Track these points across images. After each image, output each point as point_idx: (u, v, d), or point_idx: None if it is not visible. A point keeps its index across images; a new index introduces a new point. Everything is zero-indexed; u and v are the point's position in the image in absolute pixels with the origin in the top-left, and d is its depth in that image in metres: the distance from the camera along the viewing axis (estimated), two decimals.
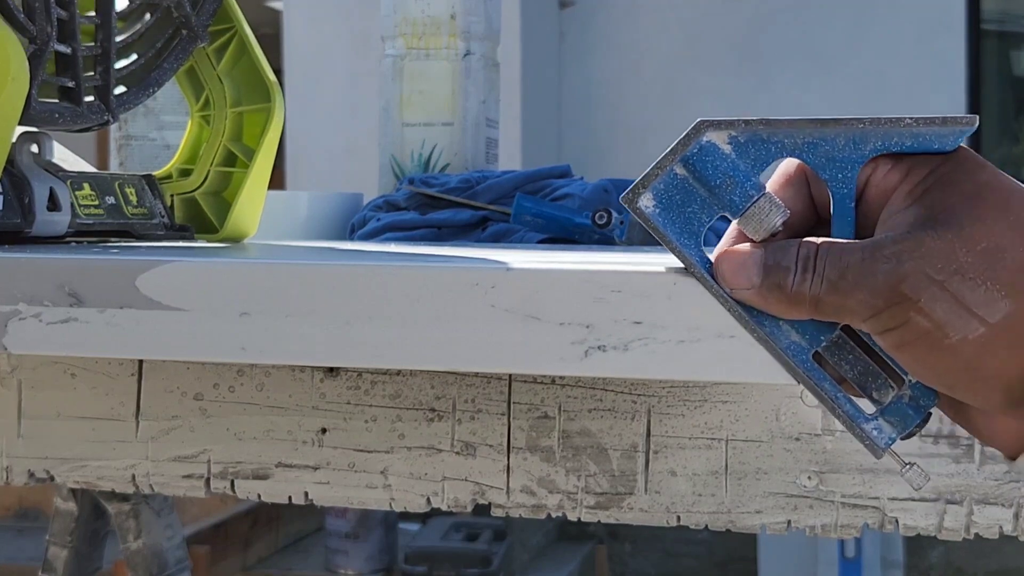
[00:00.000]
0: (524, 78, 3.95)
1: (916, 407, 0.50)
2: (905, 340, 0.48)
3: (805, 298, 0.48)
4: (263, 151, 0.81)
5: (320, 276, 0.52)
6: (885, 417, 0.50)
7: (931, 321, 0.47)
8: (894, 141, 0.49)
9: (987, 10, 4.30)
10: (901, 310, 0.47)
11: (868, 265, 0.48)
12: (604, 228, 1.01)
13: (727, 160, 0.50)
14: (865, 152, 0.49)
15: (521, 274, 0.51)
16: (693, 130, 0.50)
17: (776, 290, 0.49)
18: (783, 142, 0.50)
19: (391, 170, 1.21)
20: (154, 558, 1.55)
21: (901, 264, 0.47)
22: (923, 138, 0.49)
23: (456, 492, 0.77)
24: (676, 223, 0.51)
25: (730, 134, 0.50)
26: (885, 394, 0.50)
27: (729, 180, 0.50)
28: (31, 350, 0.55)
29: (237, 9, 0.82)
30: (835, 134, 0.50)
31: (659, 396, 0.74)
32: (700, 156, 0.50)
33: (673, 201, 0.51)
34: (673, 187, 0.51)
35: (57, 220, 0.70)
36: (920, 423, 0.51)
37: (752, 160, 0.50)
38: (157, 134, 1.26)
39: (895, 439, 0.50)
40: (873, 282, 0.47)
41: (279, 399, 0.78)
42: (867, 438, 0.50)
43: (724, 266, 0.50)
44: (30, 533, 3.09)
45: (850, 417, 0.50)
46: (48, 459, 0.82)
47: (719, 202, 0.50)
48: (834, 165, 0.50)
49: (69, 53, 0.69)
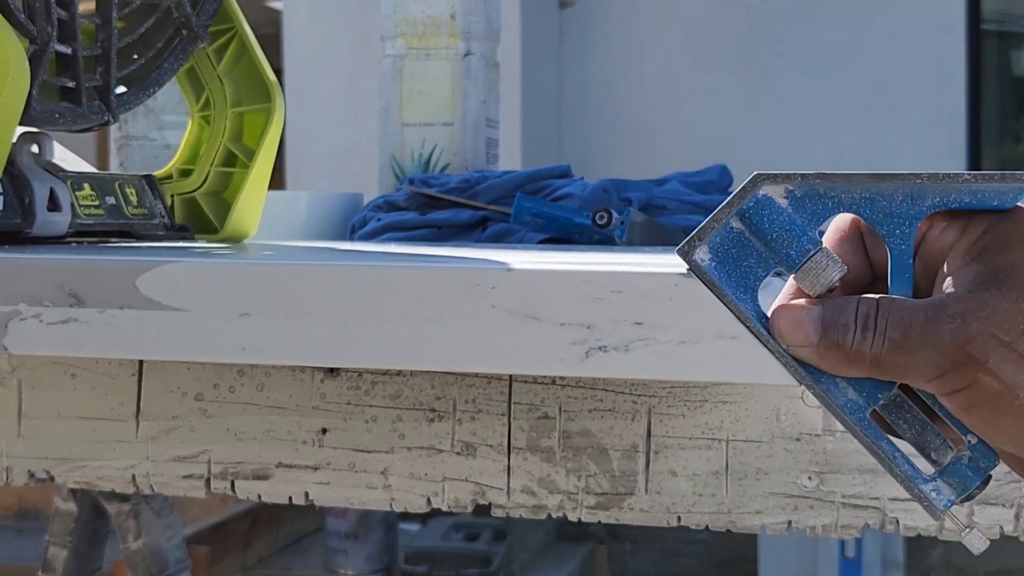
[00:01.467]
0: (524, 78, 3.95)
1: (976, 468, 0.50)
2: (973, 402, 0.47)
3: (865, 357, 0.48)
4: (263, 151, 0.81)
5: (320, 276, 0.52)
6: (944, 479, 0.50)
7: (1000, 383, 0.47)
8: (952, 197, 0.49)
9: (987, 10, 4.30)
10: (968, 371, 0.47)
11: (932, 325, 0.47)
12: (604, 228, 1.01)
13: (784, 214, 0.50)
14: (923, 208, 0.49)
15: (521, 274, 0.51)
16: (750, 183, 0.50)
17: (835, 348, 0.48)
18: (840, 197, 0.50)
19: (391, 170, 1.21)
20: (154, 558, 1.55)
21: (967, 324, 0.47)
22: (981, 195, 0.49)
23: (456, 492, 0.77)
24: (732, 277, 0.50)
25: (787, 188, 0.50)
26: (944, 455, 0.50)
27: (786, 234, 0.49)
28: (31, 350, 0.55)
29: (237, 9, 0.82)
30: (892, 189, 0.49)
31: (659, 396, 0.74)
32: (757, 210, 0.50)
33: (729, 255, 0.50)
34: (729, 240, 0.50)
35: (57, 220, 0.70)
36: (980, 485, 0.50)
37: (809, 215, 0.50)
38: (157, 134, 1.26)
39: (954, 501, 0.50)
40: (938, 342, 0.47)
41: (279, 399, 0.78)
42: (926, 500, 0.50)
43: (781, 322, 0.49)
44: (30, 533, 3.09)
45: (908, 478, 0.50)
46: (48, 459, 0.82)
47: (775, 256, 0.50)
48: (891, 221, 0.49)
49: (70, 53, 0.69)
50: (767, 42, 4.22)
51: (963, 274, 0.48)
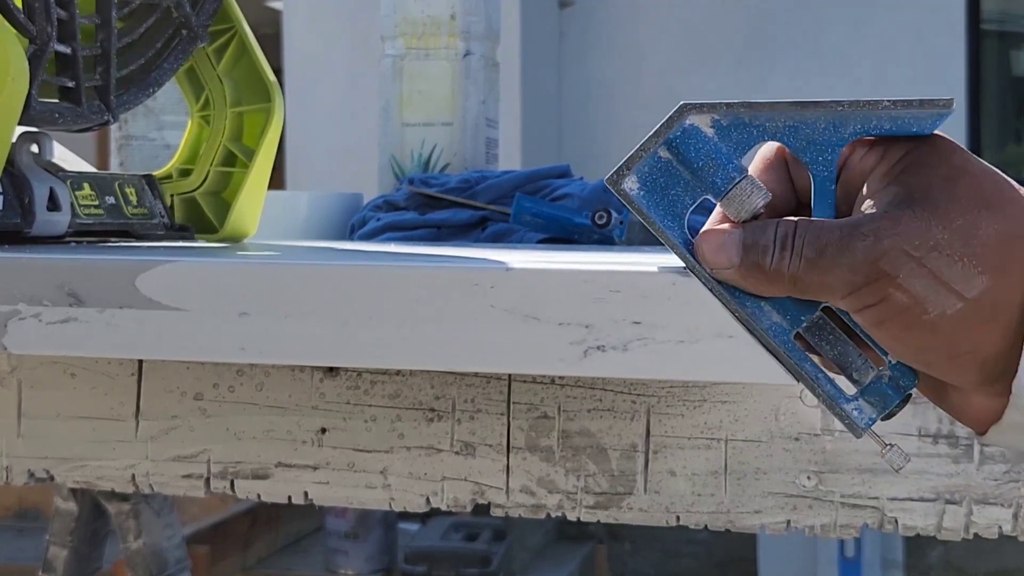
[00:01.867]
0: (524, 78, 3.95)
1: (896, 388, 0.51)
2: (884, 317, 0.48)
3: (784, 276, 0.49)
4: (263, 151, 0.82)
5: (320, 276, 0.52)
6: (865, 398, 0.51)
7: (910, 297, 0.48)
8: (873, 124, 0.50)
9: (987, 10, 4.30)
10: (880, 286, 0.48)
11: (846, 242, 0.48)
12: (604, 228, 1.01)
13: (710, 143, 0.50)
14: (845, 135, 0.50)
15: (521, 274, 0.51)
16: (676, 113, 0.51)
17: (755, 268, 0.49)
18: (764, 125, 0.50)
19: (391, 170, 1.22)
20: (154, 558, 1.56)
21: (879, 241, 0.48)
22: (902, 121, 0.50)
23: (456, 492, 0.77)
24: (660, 205, 0.51)
25: (712, 117, 0.50)
26: (865, 375, 0.51)
27: (711, 162, 0.50)
28: (31, 350, 0.55)
29: (237, 9, 0.82)
30: (815, 117, 0.50)
31: (658, 396, 0.74)
32: (683, 139, 0.50)
33: (657, 183, 0.51)
34: (657, 170, 0.51)
35: (57, 220, 0.70)
36: (900, 403, 0.51)
37: (734, 143, 0.51)
38: (157, 134, 1.26)
39: (875, 419, 0.51)
40: (852, 259, 0.48)
41: (279, 399, 0.78)
42: (847, 418, 0.51)
43: (704, 246, 0.50)
44: (30, 533, 3.09)
45: (831, 397, 0.51)
46: (48, 459, 0.82)
47: (702, 184, 0.51)
48: (815, 148, 0.50)
49: (69, 53, 0.70)
50: (767, 42, 4.22)
51: (881, 195, 0.50)
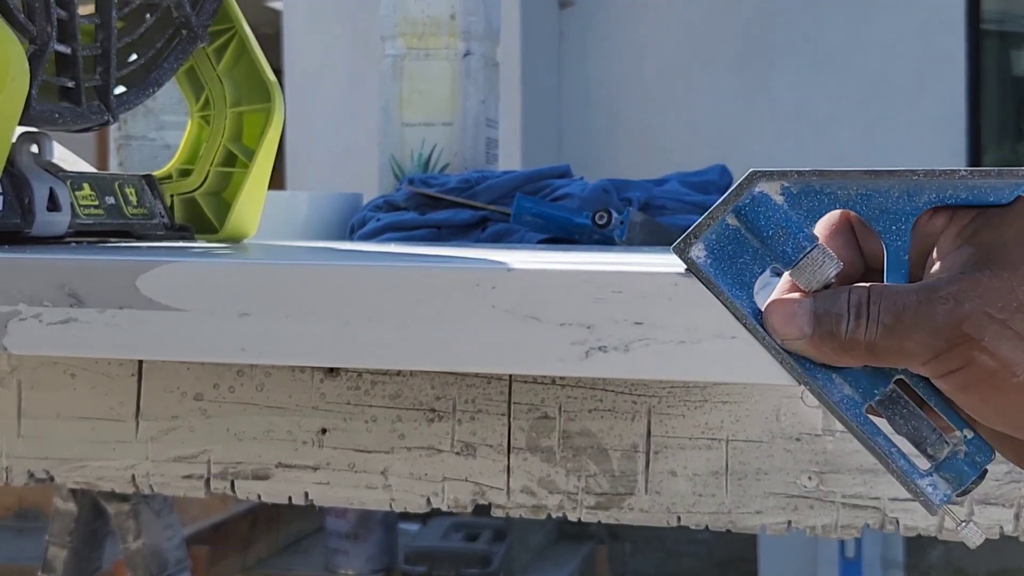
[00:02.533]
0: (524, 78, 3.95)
1: (972, 463, 0.50)
2: (970, 381, 0.47)
3: (860, 344, 0.48)
4: (263, 151, 0.81)
5: (320, 276, 0.52)
6: (940, 473, 0.50)
7: (996, 360, 0.47)
8: (949, 193, 0.49)
9: (987, 10, 4.30)
10: (964, 350, 0.47)
11: (925, 307, 0.47)
12: (604, 228, 1.01)
13: (779, 211, 0.49)
14: (919, 204, 0.49)
15: (521, 274, 0.51)
16: (745, 180, 0.50)
17: (829, 338, 0.48)
18: (836, 193, 0.49)
19: (391, 170, 1.21)
20: (154, 558, 1.56)
21: (960, 304, 0.47)
22: (978, 191, 0.49)
23: (456, 492, 0.77)
24: (728, 274, 0.50)
25: (783, 185, 0.50)
26: (940, 450, 0.50)
27: (782, 231, 0.49)
28: (31, 350, 0.55)
29: (237, 9, 0.82)
30: (889, 186, 0.49)
31: (659, 396, 0.74)
32: (752, 207, 0.49)
33: (725, 252, 0.50)
34: (725, 238, 0.50)
35: (57, 220, 0.70)
36: (976, 479, 0.50)
37: (805, 211, 0.50)
38: (157, 134, 1.26)
39: (950, 496, 0.50)
40: (932, 323, 0.47)
41: (279, 399, 0.78)
42: (922, 495, 0.50)
43: (774, 316, 0.49)
44: (30, 533, 3.09)
45: (905, 474, 0.50)
46: (48, 459, 0.82)
47: (771, 253, 0.50)
48: (888, 217, 0.49)
49: (69, 53, 0.69)
50: (767, 42, 4.22)
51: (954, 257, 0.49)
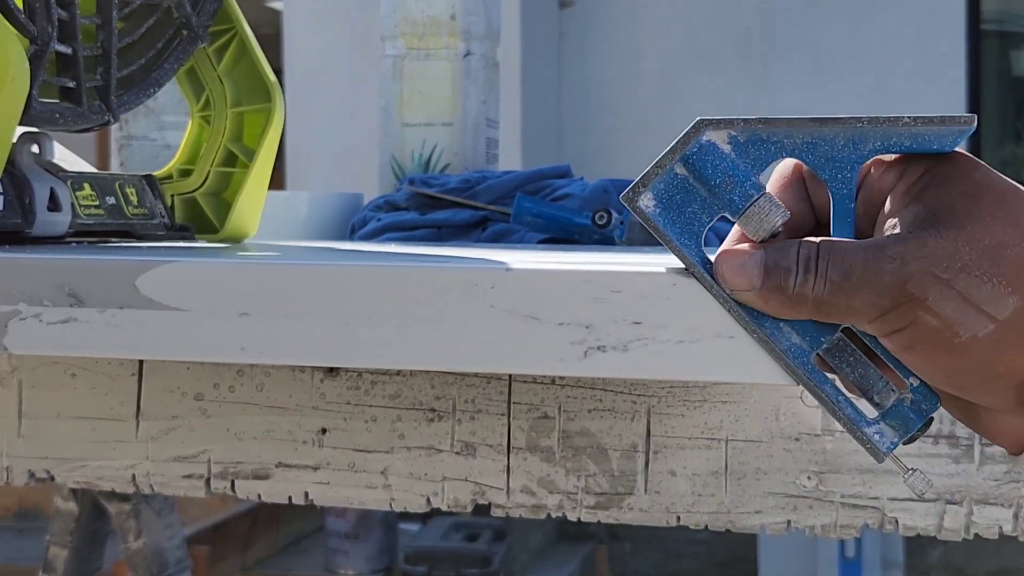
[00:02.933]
0: (524, 78, 3.95)
1: (918, 411, 0.50)
2: (914, 340, 0.48)
3: (808, 299, 0.48)
4: (263, 151, 0.82)
5: (320, 276, 0.52)
6: (887, 421, 0.50)
7: (940, 320, 0.47)
8: (893, 141, 0.49)
9: (987, 10, 4.30)
10: (909, 309, 0.47)
11: (872, 265, 0.47)
12: (604, 228, 1.01)
13: (727, 159, 0.50)
14: (864, 152, 0.49)
15: (521, 274, 0.51)
16: (692, 129, 0.50)
17: (777, 291, 0.48)
18: (783, 142, 0.50)
19: (391, 170, 1.22)
20: (154, 558, 1.56)
21: (906, 264, 0.47)
22: (922, 138, 0.49)
23: (456, 492, 0.77)
24: (677, 223, 0.50)
25: (730, 133, 0.50)
26: (887, 397, 0.50)
27: (729, 179, 0.49)
28: (31, 350, 0.55)
29: (237, 9, 0.82)
30: (834, 134, 0.49)
31: (659, 396, 0.74)
32: (700, 155, 0.50)
33: (673, 201, 0.50)
34: (673, 186, 0.50)
35: (57, 220, 0.70)
36: (922, 427, 0.50)
37: (752, 160, 0.50)
38: (157, 134, 1.26)
39: (897, 443, 0.50)
40: (878, 282, 0.47)
41: (279, 399, 0.78)
42: (869, 442, 0.50)
43: (724, 267, 0.49)
44: (30, 533, 3.09)
45: (852, 421, 0.50)
46: (48, 459, 0.82)
47: (719, 202, 0.50)
48: (833, 165, 0.49)
49: (70, 53, 0.70)
50: (767, 42, 4.22)
51: (903, 215, 0.49)
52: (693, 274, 0.50)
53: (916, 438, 0.50)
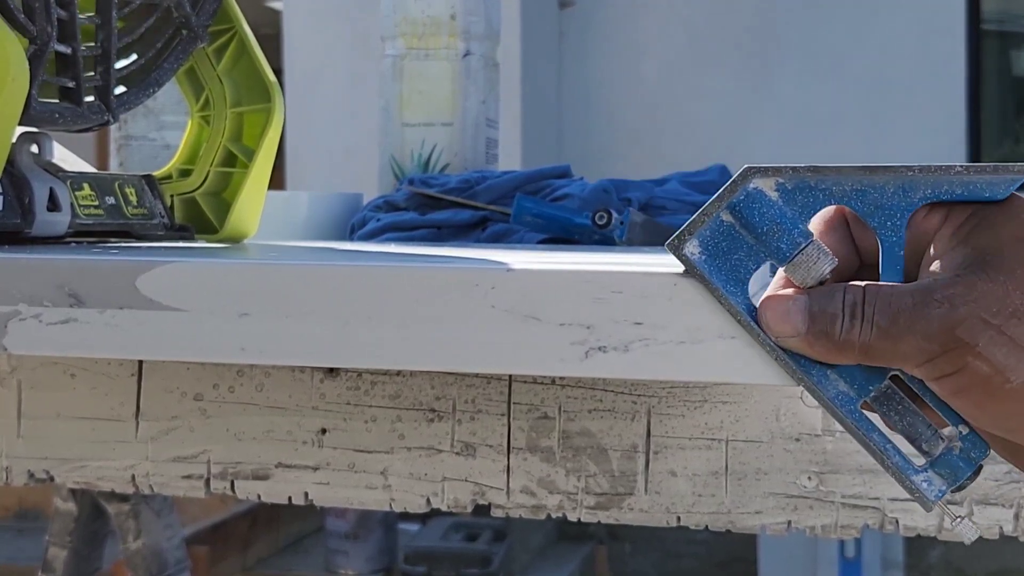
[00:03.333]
0: (524, 78, 3.95)
1: (967, 459, 0.50)
2: (963, 386, 0.47)
3: (854, 345, 0.48)
4: (263, 151, 0.81)
5: (320, 276, 0.52)
6: (935, 469, 0.50)
7: (990, 366, 0.46)
8: (944, 189, 0.49)
9: (987, 10, 4.30)
10: (958, 355, 0.47)
11: (920, 310, 0.47)
12: (604, 228, 1.01)
13: (774, 207, 0.49)
14: (914, 200, 0.49)
15: (521, 274, 0.51)
16: (740, 176, 0.50)
17: (823, 337, 0.48)
18: (831, 189, 0.49)
19: (391, 170, 1.22)
20: (154, 558, 1.56)
21: (955, 308, 0.46)
22: (974, 186, 0.48)
23: (456, 492, 0.77)
24: (723, 270, 0.50)
25: (777, 181, 0.50)
26: (935, 446, 0.49)
27: (776, 227, 0.49)
28: (31, 350, 0.55)
29: (237, 9, 0.82)
30: (884, 182, 0.49)
31: (659, 397, 0.74)
32: (747, 203, 0.50)
33: (719, 248, 0.50)
34: (720, 234, 0.50)
35: (57, 220, 0.70)
36: (971, 476, 0.50)
37: (799, 207, 0.49)
38: (157, 134, 1.26)
39: (945, 491, 0.50)
40: (927, 327, 0.47)
41: (279, 399, 0.78)
42: (917, 491, 0.50)
43: (769, 313, 0.49)
44: (30, 533, 3.09)
45: (900, 470, 0.50)
46: (48, 459, 0.82)
47: (766, 249, 0.49)
48: (883, 213, 0.49)
49: (69, 53, 0.69)
50: (767, 42, 4.22)
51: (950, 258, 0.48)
52: (740, 323, 0.49)
53: (965, 487, 0.50)
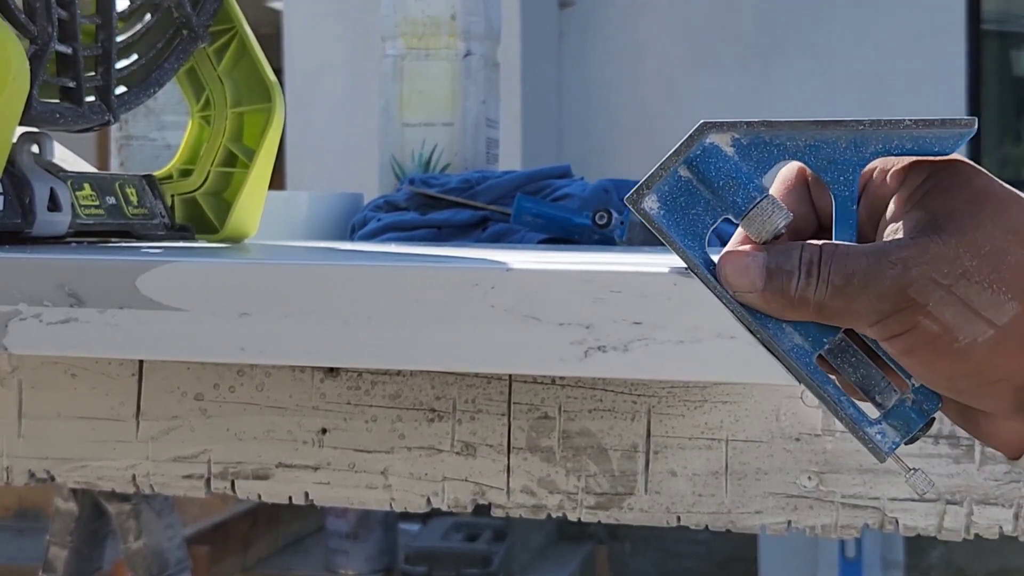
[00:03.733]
0: (524, 78, 3.95)
1: (919, 411, 0.50)
2: (913, 345, 0.48)
3: (809, 302, 0.49)
4: (263, 151, 0.82)
5: (320, 276, 0.52)
6: (889, 421, 0.50)
7: (940, 325, 0.47)
8: (894, 144, 0.49)
9: (987, 10, 4.30)
10: (909, 315, 0.48)
11: (874, 270, 0.48)
12: (604, 228, 1.01)
13: (730, 162, 0.50)
14: (866, 155, 0.50)
15: (521, 274, 0.51)
16: (696, 132, 0.50)
17: (779, 294, 0.49)
18: (785, 144, 0.50)
19: (391, 170, 1.22)
20: (154, 558, 1.56)
21: (908, 270, 0.47)
22: (923, 141, 0.49)
23: (456, 492, 0.77)
24: (680, 225, 0.51)
25: (733, 136, 0.50)
26: (888, 398, 0.50)
27: (732, 182, 0.50)
28: (31, 350, 0.55)
29: (237, 9, 0.82)
30: (836, 136, 0.50)
31: (659, 396, 0.74)
32: (703, 158, 0.50)
33: (677, 203, 0.51)
34: (677, 189, 0.51)
35: (57, 220, 0.70)
36: (924, 427, 0.50)
37: (755, 162, 0.50)
38: (158, 134, 1.26)
39: (899, 443, 0.50)
40: (880, 287, 0.48)
41: (279, 399, 0.78)
42: (871, 442, 0.50)
43: (727, 268, 0.50)
44: (30, 533, 3.09)
45: (854, 421, 0.50)
46: (48, 459, 0.82)
47: (722, 204, 0.50)
48: (836, 168, 0.50)
49: (70, 53, 0.70)
50: (767, 42, 4.23)
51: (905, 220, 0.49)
52: (697, 275, 0.50)
53: (918, 438, 0.51)
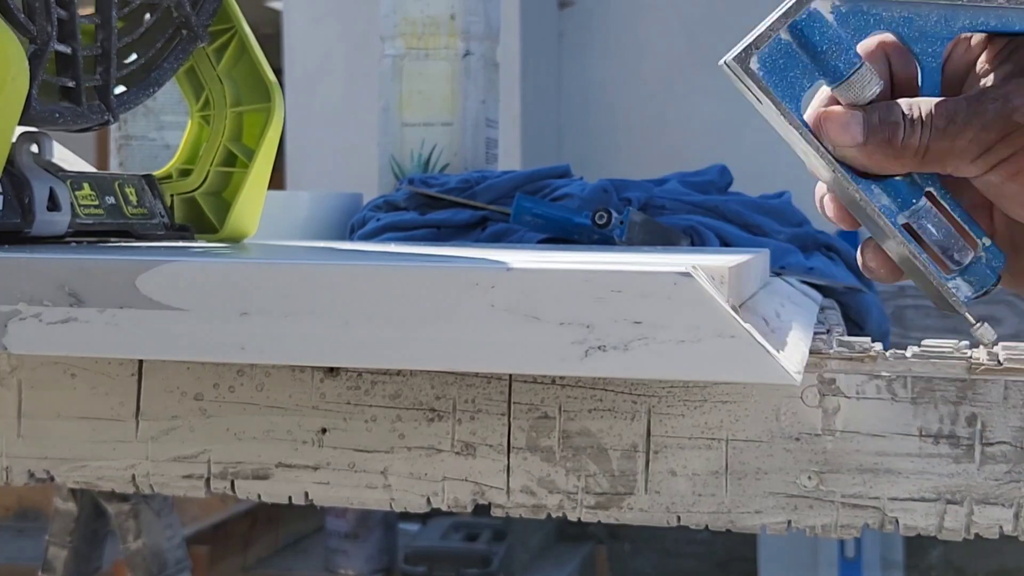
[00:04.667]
0: (524, 78, 3.95)
1: (991, 267, 0.54)
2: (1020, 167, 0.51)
3: (912, 149, 0.51)
4: (263, 151, 0.82)
5: (320, 276, 0.52)
6: (964, 277, 0.55)
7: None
8: (980, 20, 0.53)
9: None
10: (1014, 139, 0.51)
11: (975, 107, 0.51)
12: (604, 228, 1.01)
13: (831, 29, 0.53)
14: (955, 28, 0.53)
15: (521, 274, 0.51)
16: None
17: (884, 145, 0.52)
18: (881, 15, 0.53)
19: (391, 170, 1.22)
20: (154, 558, 1.56)
21: (1009, 100, 0.51)
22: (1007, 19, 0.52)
23: (456, 492, 0.77)
24: (779, 87, 0.53)
25: (833, 3, 0.53)
26: (965, 256, 0.54)
27: (834, 47, 0.52)
28: (31, 350, 0.55)
29: (237, 9, 0.82)
30: (929, 10, 0.53)
31: (659, 396, 0.74)
32: (808, 23, 0.53)
33: (776, 65, 0.53)
34: (777, 52, 0.53)
35: (57, 220, 0.70)
36: (995, 283, 0.55)
37: (852, 30, 0.53)
38: (157, 134, 1.26)
39: (972, 297, 0.55)
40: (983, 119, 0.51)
41: (279, 399, 0.78)
42: (951, 295, 0.54)
43: (829, 124, 0.53)
44: (30, 533, 3.09)
45: (936, 275, 0.54)
46: (48, 459, 0.82)
47: (821, 68, 0.53)
48: (925, 39, 0.53)
49: (69, 53, 0.70)
50: None
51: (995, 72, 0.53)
52: (801, 135, 0.53)
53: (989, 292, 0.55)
